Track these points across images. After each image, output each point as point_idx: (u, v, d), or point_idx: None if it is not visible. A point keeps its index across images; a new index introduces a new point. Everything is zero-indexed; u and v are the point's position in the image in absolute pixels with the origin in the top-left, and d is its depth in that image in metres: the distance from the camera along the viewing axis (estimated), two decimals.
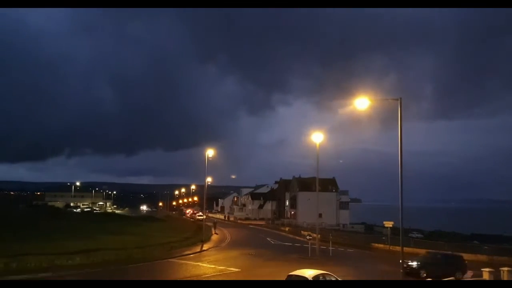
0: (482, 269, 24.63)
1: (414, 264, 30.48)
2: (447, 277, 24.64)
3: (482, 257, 39.52)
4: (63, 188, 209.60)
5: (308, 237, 45.20)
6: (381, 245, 51.80)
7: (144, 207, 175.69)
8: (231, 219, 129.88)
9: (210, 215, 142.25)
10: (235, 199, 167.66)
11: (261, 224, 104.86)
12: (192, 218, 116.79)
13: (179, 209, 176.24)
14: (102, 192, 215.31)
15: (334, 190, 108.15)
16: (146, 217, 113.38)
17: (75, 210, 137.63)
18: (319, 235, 45.96)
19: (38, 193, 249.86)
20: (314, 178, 65.70)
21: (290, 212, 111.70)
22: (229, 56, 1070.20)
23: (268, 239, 63.02)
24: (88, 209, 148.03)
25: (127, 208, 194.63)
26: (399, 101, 22.96)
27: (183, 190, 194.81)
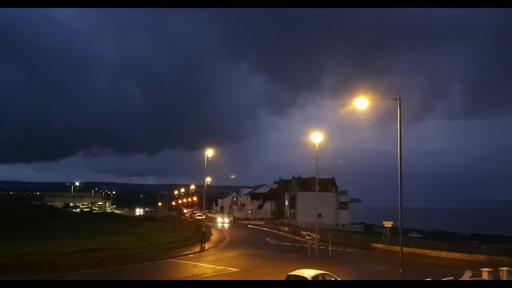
0: (481, 269, 24.62)
1: None
2: None
3: (482, 257, 39.52)
4: (62, 188, 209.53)
5: (307, 237, 45.22)
6: (380, 245, 51.80)
7: (140, 210, 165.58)
8: (231, 219, 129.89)
9: (209, 215, 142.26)
10: (235, 199, 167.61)
11: (261, 224, 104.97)
12: (191, 218, 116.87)
13: (179, 209, 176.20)
14: (102, 192, 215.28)
15: (333, 190, 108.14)
16: (146, 217, 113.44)
17: (74, 210, 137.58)
18: (318, 235, 45.98)
19: (38, 193, 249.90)
20: (313, 178, 65.68)
21: (290, 212, 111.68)
22: (258, 55, 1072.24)
23: (267, 239, 63.02)
24: (88, 209, 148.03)
25: (126, 208, 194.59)
26: (398, 101, 22.97)
27: (182, 190, 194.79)
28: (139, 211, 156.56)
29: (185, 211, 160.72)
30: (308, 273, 19.96)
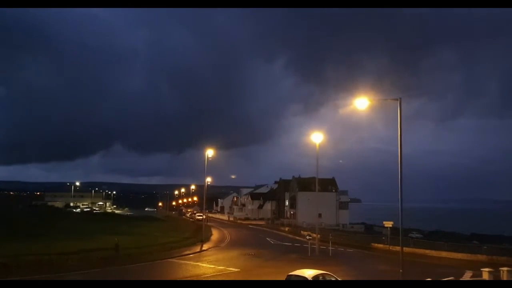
0: (481, 269, 24.61)
1: None
2: None
3: (482, 257, 39.48)
4: (62, 188, 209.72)
5: (307, 237, 45.19)
6: (380, 245, 51.77)
7: (147, 209, 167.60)
8: (231, 219, 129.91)
9: (210, 215, 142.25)
10: (235, 199, 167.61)
11: (261, 224, 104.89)
12: (191, 218, 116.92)
13: (179, 209, 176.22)
14: (102, 192, 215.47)
15: (333, 190, 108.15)
16: (146, 217, 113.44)
17: (74, 210, 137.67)
18: (318, 235, 45.97)
19: (38, 193, 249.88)
20: (313, 178, 65.66)
21: (290, 212, 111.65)
22: (292, 55, 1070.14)
23: (267, 239, 63.01)
24: (88, 209, 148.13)
25: (126, 208, 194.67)
26: (398, 102, 22.98)
27: (183, 190, 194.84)
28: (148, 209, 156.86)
29: (183, 210, 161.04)
30: (309, 273, 19.94)
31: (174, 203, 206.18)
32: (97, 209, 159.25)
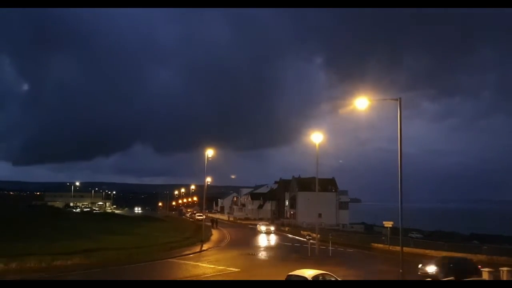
0: (481, 269, 24.63)
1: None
2: None
3: (482, 257, 39.46)
4: (62, 188, 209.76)
5: (307, 237, 45.18)
6: (380, 245, 51.78)
7: (138, 209, 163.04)
8: (231, 219, 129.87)
9: (209, 215, 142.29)
10: (235, 199, 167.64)
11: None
12: (191, 218, 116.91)
13: (179, 209, 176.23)
14: (102, 192, 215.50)
15: (333, 190, 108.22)
16: (146, 217, 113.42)
17: (74, 210, 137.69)
18: (318, 235, 45.96)
19: (38, 193, 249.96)
20: (313, 178, 65.66)
21: (290, 212, 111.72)
22: (329, 53, 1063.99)
23: (267, 239, 63.02)
24: (88, 209, 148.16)
25: (126, 208, 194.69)
26: (398, 102, 23.00)
27: (183, 190, 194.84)
28: (137, 210, 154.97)
29: (183, 211, 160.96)
30: (309, 273, 19.96)
31: (174, 203, 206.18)
32: (97, 209, 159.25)
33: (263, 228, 76.61)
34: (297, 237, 66.25)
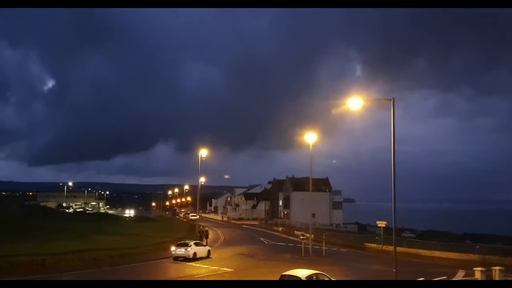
0: (474, 269, 24.75)
1: None
2: None
3: (474, 257, 39.70)
4: (55, 188, 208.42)
5: (301, 237, 45.25)
6: (374, 245, 51.97)
7: (130, 212, 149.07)
8: (224, 219, 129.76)
9: (203, 215, 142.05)
10: (229, 199, 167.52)
11: (255, 224, 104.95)
12: (185, 219, 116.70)
13: (172, 209, 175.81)
14: (95, 193, 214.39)
15: (327, 190, 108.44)
16: (139, 217, 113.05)
17: (67, 211, 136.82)
18: (312, 235, 46.04)
19: (30, 193, 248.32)
20: (307, 178, 65.75)
21: (284, 212, 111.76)
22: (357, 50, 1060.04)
23: (261, 239, 63.03)
24: (81, 209, 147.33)
25: (120, 208, 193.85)
26: (392, 102, 23.06)
27: (176, 190, 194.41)
28: (129, 213, 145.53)
29: (177, 211, 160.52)
30: (302, 273, 19.95)
31: (168, 203, 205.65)
32: (90, 209, 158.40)
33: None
34: (291, 237, 66.34)
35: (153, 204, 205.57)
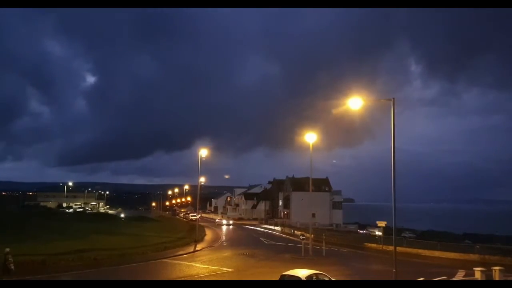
0: (474, 269, 24.74)
1: None
2: None
3: (474, 257, 39.72)
4: (55, 188, 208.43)
5: (301, 237, 45.24)
6: (374, 245, 51.99)
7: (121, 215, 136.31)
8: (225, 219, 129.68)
9: (203, 215, 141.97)
10: (229, 199, 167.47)
11: (255, 224, 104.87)
12: (185, 219, 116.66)
13: (172, 209, 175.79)
14: (95, 193, 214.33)
15: (327, 190, 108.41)
16: (139, 217, 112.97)
17: (67, 211, 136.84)
18: (312, 235, 46.03)
19: (30, 194, 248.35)
20: (307, 178, 65.77)
21: (284, 212, 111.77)
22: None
23: (261, 239, 63.02)
24: (81, 209, 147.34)
25: (119, 209, 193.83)
26: (392, 102, 23.06)
27: (176, 190, 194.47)
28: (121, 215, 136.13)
29: (177, 211, 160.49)
30: (302, 273, 19.96)
31: (168, 203, 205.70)
32: (90, 209, 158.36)
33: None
34: (291, 237, 66.35)
35: (153, 204, 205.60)
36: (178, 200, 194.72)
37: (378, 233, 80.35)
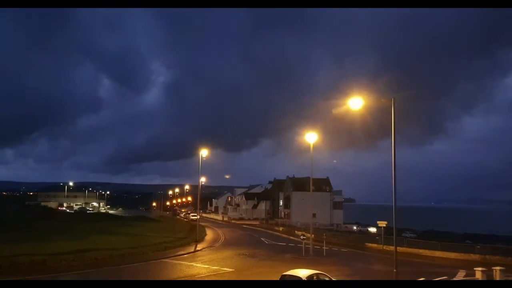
0: (475, 269, 24.72)
1: None
2: None
3: (475, 257, 39.72)
4: (56, 188, 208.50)
5: (302, 237, 45.22)
6: (374, 245, 51.99)
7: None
8: (225, 219, 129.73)
9: (204, 215, 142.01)
10: (229, 199, 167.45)
11: (255, 224, 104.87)
12: (186, 219, 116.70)
13: (173, 209, 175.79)
14: (96, 192, 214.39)
15: (328, 190, 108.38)
16: (140, 217, 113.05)
17: (68, 210, 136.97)
18: (312, 235, 46.01)
19: (31, 193, 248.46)
20: (307, 178, 65.74)
21: (284, 212, 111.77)
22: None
23: (262, 239, 62.99)
24: (81, 209, 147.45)
25: (120, 208, 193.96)
26: (392, 102, 23.02)
27: (177, 190, 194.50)
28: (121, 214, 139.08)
29: (177, 211, 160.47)
30: (303, 273, 19.93)
31: (168, 203, 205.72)
32: (90, 209, 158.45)
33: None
34: (291, 237, 66.33)
35: (154, 204, 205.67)
36: (179, 200, 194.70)
37: (371, 229, 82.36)
